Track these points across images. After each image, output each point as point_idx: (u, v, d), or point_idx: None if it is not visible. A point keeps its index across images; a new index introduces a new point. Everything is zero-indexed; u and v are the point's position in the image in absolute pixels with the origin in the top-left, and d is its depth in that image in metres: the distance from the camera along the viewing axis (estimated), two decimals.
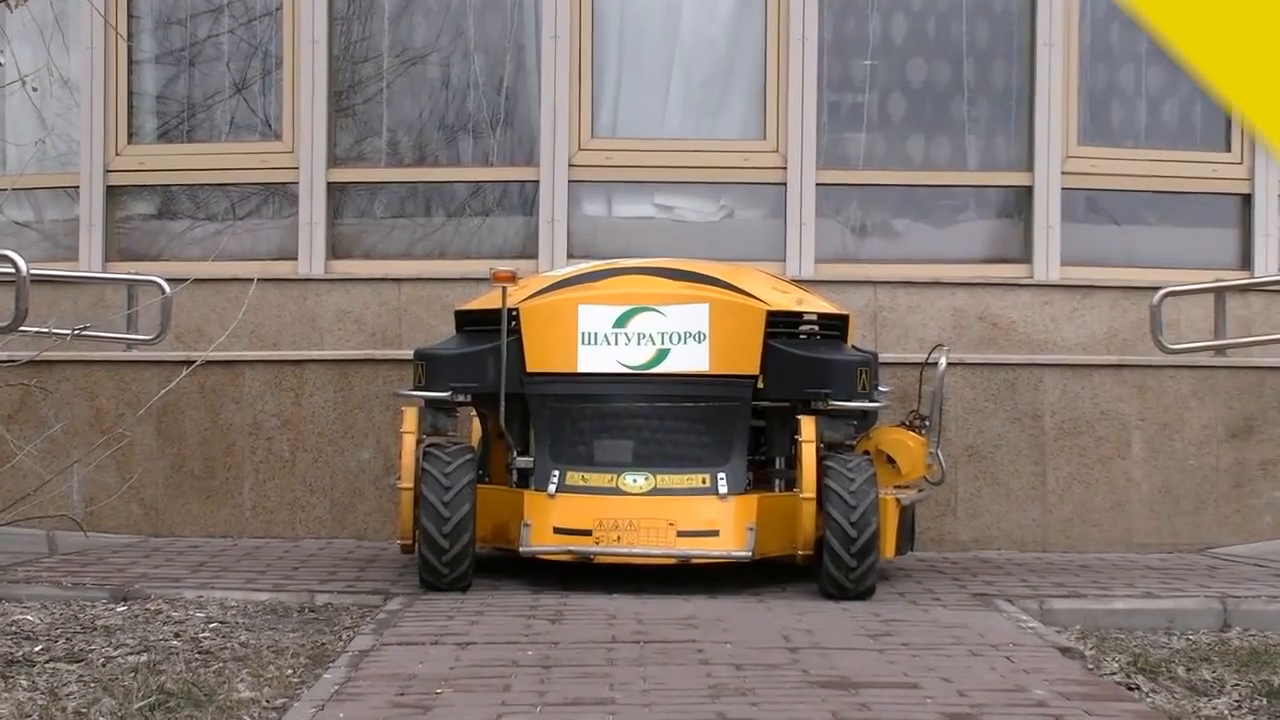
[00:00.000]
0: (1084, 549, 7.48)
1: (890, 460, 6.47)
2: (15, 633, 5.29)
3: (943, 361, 6.57)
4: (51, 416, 7.47)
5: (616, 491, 6.09)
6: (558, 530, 6.02)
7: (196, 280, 7.97)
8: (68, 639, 5.23)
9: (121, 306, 8.19)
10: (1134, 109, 8.76)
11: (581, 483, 6.12)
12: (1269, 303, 8.52)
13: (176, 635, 5.33)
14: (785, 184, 8.52)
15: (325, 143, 8.58)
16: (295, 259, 8.57)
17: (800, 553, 5.98)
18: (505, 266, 6.18)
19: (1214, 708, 4.62)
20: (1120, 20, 8.66)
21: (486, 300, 6.51)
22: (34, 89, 8.29)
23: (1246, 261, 8.66)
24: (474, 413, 6.79)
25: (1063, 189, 8.55)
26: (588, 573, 6.10)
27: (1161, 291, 7.85)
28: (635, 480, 6.12)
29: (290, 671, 4.80)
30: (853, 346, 6.50)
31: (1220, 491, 7.55)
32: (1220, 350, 7.93)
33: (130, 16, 8.76)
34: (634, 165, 8.60)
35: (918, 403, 6.75)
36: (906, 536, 6.49)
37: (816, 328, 6.47)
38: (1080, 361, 7.74)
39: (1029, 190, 8.58)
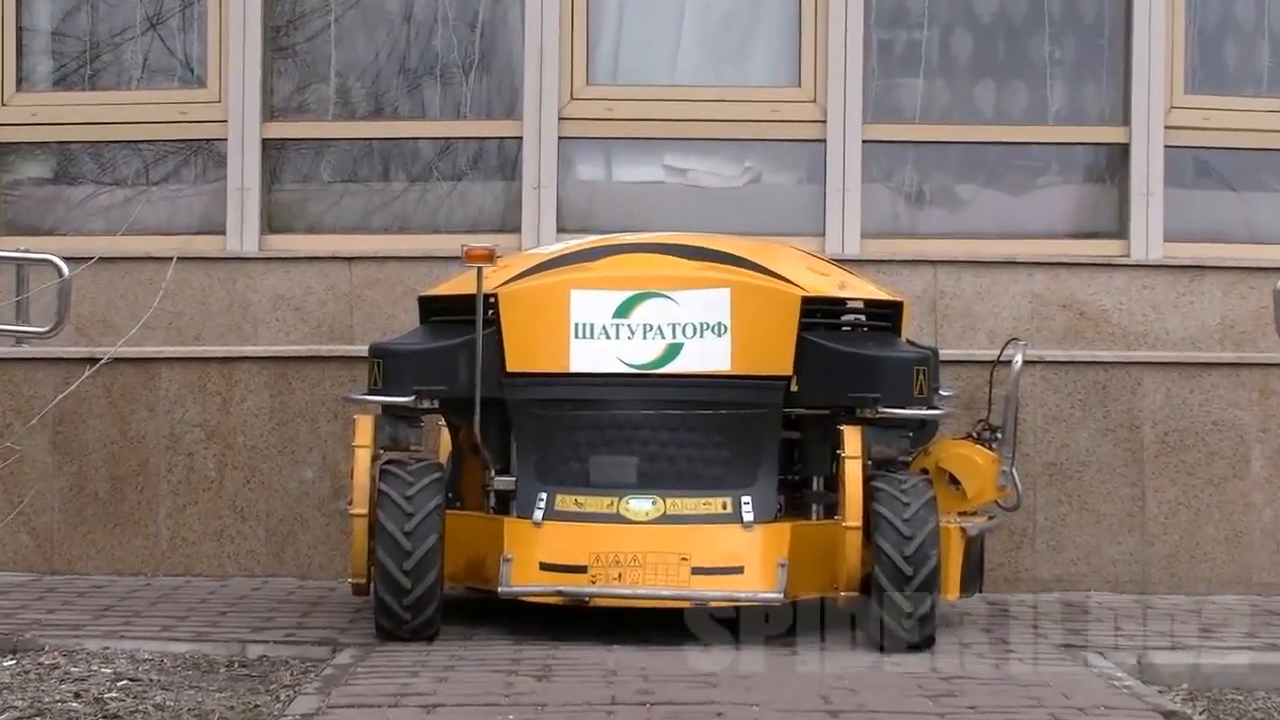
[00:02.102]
0: (1192, 589, 7.47)
1: (954, 480, 6.47)
2: None
3: (1018, 359, 6.56)
4: None
5: (617, 519, 6.09)
6: (545, 566, 6.02)
7: (101, 259, 7.94)
8: None
9: (9, 291, 8.18)
10: (1254, 49, 8.73)
11: (575, 508, 6.12)
12: None
13: (77, 695, 5.32)
14: (824, 141, 8.50)
15: (260, 90, 8.57)
16: (223, 233, 8.56)
17: (843, 594, 5.98)
18: (481, 243, 6.17)
19: None
20: None
21: (458, 284, 6.49)
22: None
23: None
24: (442, 422, 6.78)
25: (1166, 147, 8.53)
26: (582, 618, 6.09)
27: None
28: (640, 505, 6.12)
29: None
30: (907, 341, 6.50)
31: None
32: None
33: None
34: (639, 118, 8.58)
35: (987, 410, 6.73)
36: (974, 574, 6.48)
37: (863, 317, 6.47)
38: (1187, 359, 7.72)
39: (1124, 149, 8.56)
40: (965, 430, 6.69)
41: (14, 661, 5.76)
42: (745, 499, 6.11)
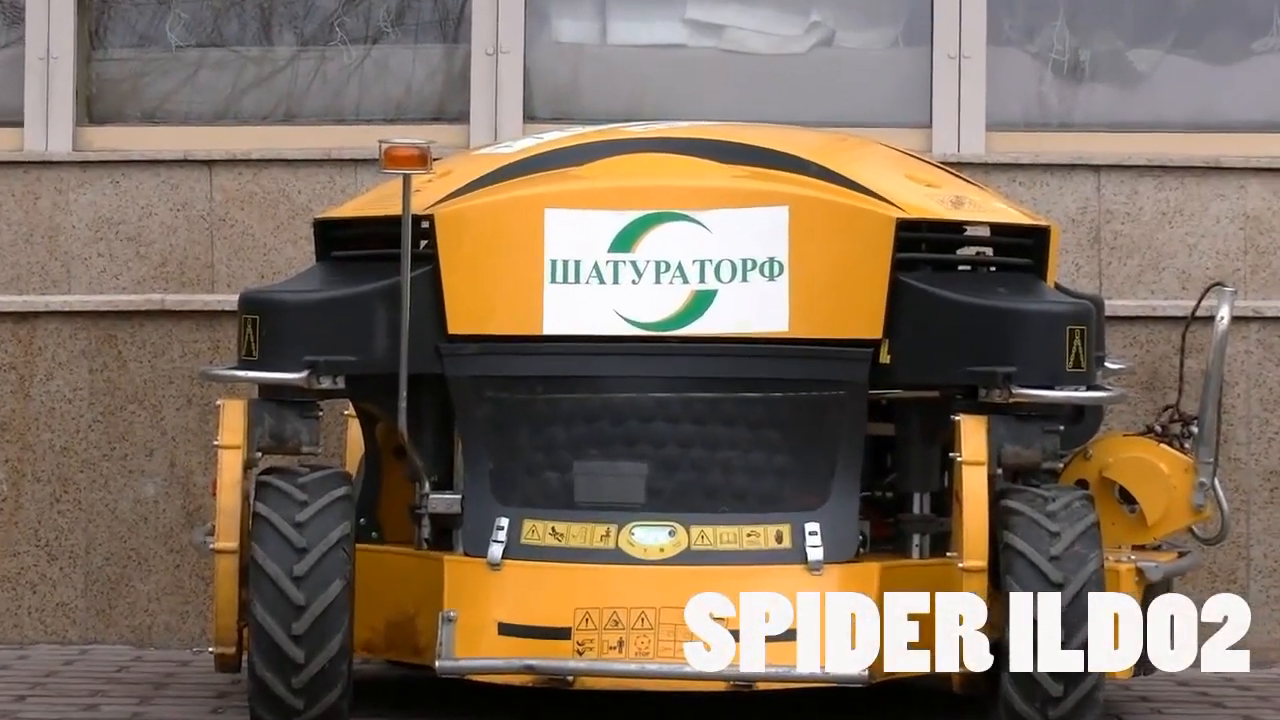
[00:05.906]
0: None
1: (1127, 498, 6.48)
2: None
3: (1224, 314, 6.56)
4: None
5: (617, 557, 6.11)
6: (507, 629, 6.04)
7: None
8: None
9: None
10: None
11: (552, 541, 6.14)
12: None
13: None
14: None
15: None
16: (20, 124, 8.57)
17: (959, 668, 5.95)
18: (409, 138, 6.14)
19: None
20: None
21: (373, 201, 6.51)
22: None
23: None
24: (350, 411, 6.79)
25: None
26: (562, 706, 6.09)
27: None
28: (652, 537, 6.12)
29: None
30: (1056, 286, 6.50)
31: None
32: None
33: None
34: None
35: (1178, 393, 6.76)
36: None
37: (989, 251, 6.48)
38: None
39: None
40: (1144, 423, 6.70)
41: None
42: (811, 527, 6.12)
